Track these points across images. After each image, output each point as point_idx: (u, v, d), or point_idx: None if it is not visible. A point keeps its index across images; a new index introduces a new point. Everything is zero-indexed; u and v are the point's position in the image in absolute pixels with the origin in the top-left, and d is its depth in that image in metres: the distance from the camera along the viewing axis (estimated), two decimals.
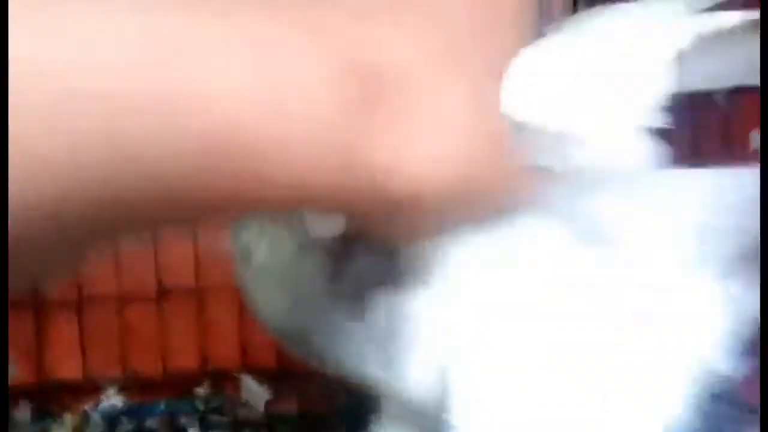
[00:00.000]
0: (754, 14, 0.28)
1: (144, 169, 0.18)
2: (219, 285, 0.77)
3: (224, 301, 0.79)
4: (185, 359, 0.82)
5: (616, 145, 0.27)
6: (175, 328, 0.80)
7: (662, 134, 0.27)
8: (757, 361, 0.28)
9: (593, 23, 0.29)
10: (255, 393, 0.78)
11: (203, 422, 0.72)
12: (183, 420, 0.73)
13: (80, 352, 0.79)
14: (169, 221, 0.23)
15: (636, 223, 0.27)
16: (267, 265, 0.30)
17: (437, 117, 0.21)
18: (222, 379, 0.82)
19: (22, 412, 0.75)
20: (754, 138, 0.63)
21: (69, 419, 0.76)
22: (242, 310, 0.78)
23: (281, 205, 0.22)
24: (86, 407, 0.75)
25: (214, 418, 0.74)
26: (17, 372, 0.80)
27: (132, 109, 0.17)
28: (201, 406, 0.79)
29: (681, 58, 0.27)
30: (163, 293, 0.77)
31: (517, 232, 0.26)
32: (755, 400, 0.28)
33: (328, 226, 0.27)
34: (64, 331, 0.78)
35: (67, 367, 0.80)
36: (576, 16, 0.29)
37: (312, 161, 0.19)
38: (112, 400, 0.76)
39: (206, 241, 0.65)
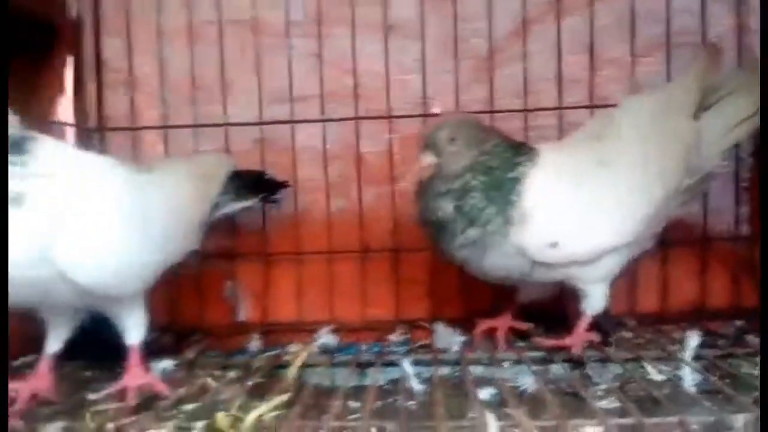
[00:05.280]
0: None
1: None
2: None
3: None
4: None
5: None
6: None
7: None
8: None
9: None
10: (448, 338, 0.86)
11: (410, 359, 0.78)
12: (393, 357, 0.79)
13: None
14: None
15: None
16: None
17: None
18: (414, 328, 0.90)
19: (254, 345, 0.82)
20: None
21: (295, 348, 0.82)
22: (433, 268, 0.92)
23: None
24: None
25: (418, 357, 0.80)
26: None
27: None
28: (403, 348, 0.85)
29: None
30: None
31: None
32: None
33: None
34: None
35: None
36: None
37: None
38: (325, 338, 0.84)
39: None
